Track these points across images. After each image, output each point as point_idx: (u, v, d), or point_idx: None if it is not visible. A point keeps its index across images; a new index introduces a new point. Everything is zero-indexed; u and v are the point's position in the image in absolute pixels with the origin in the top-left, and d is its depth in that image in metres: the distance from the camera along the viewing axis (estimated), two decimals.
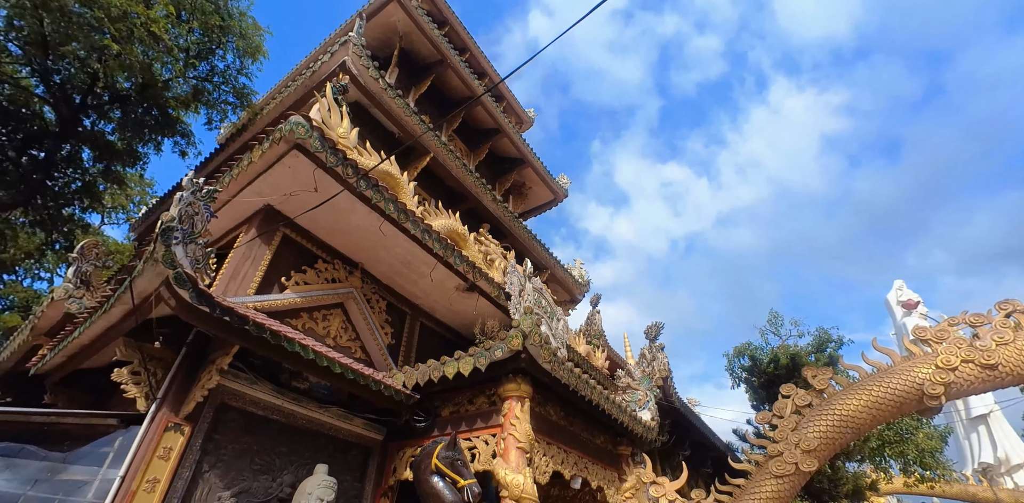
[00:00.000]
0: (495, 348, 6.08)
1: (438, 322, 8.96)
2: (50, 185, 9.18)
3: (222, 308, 4.93)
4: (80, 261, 7.23)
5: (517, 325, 6.04)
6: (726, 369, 13.92)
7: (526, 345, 5.99)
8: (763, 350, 13.34)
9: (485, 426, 6.26)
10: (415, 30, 12.03)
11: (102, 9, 7.75)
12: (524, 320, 6.09)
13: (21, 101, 9.09)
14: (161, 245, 4.68)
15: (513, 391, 6.17)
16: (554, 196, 15.36)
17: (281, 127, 6.04)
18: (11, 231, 10.55)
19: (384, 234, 7.02)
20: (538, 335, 6.10)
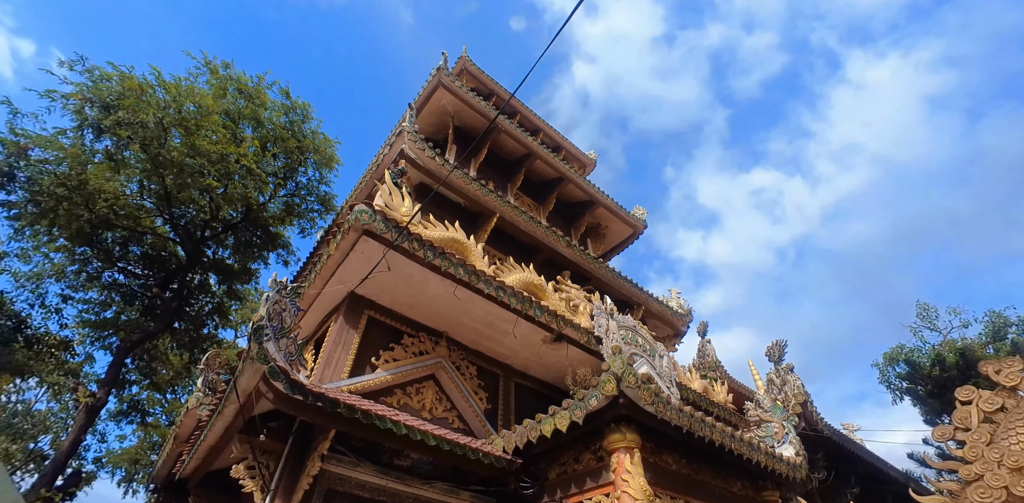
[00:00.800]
0: (589, 397, 5.74)
1: (532, 379, 8.75)
2: (187, 311, 10.69)
3: (314, 394, 5.23)
4: (207, 371, 8.17)
5: (607, 368, 5.69)
6: (880, 382, 11.82)
7: (621, 388, 5.58)
8: (921, 351, 11.21)
9: (596, 485, 5.79)
10: (464, 108, 12.95)
11: (203, 156, 9.28)
12: (614, 361, 5.72)
13: (160, 246, 11.01)
14: (254, 343, 5.15)
15: (619, 442, 5.70)
16: (633, 230, 14.94)
17: (348, 217, 6.61)
18: (163, 355, 12.30)
19: (460, 299, 7.18)
20: (633, 376, 5.66)
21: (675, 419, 5.86)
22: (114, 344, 10.91)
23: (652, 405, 5.70)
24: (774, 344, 9.70)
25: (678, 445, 6.29)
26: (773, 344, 9.71)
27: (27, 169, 8.68)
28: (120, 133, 8.45)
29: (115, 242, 11.14)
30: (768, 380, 8.87)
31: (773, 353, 9.65)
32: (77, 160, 9.00)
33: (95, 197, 9.30)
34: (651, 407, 5.69)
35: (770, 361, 9.72)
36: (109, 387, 9.17)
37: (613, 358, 5.81)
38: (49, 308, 11.13)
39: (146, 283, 10.98)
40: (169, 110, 8.80)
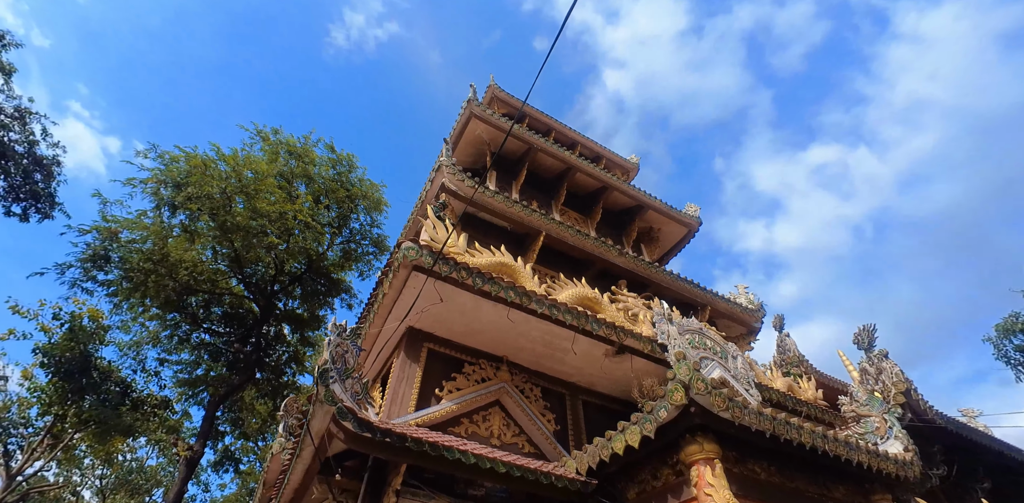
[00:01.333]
0: (658, 408, 5.52)
1: (600, 395, 8.53)
2: (267, 361, 11.43)
3: (382, 431, 5.38)
4: (286, 416, 8.62)
5: (673, 377, 5.47)
6: (997, 358, 10.45)
7: (691, 396, 5.33)
8: None
9: (679, 502, 5.50)
10: (499, 134, 13.27)
11: (264, 217, 10.03)
12: (679, 367, 5.49)
13: (236, 304, 11.94)
14: (321, 386, 5.40)
15: (696, 454, 5.42)
16: (687, 229, 14.44)
17: (397, 255, 6.89)
18: (249, 405, 13.12)
19: (514, 321, 7.21)
20: (702, 381, 5.39)
21: (755, 423, 5.49)
22: (206, 399, 11.84)
23: (727, 411, 5.38)
24: (861, 329, 8.92)
25: (764, 452, 5.87)
26: (860, 329, 8.93)
27: (119, 250, 9.81)
28: (191, 207, 9.38)
29: (198, 306, 12.20)
30: (861, 370, 8.13)
31: (862, 339, 8.86)
32: (159, 236, 10.04)
33: (177, 267, 10.29)
34: (726, 413, 5.37)
35: (860, 349, 8.94)
36: (204, 439, 9.91)
37: (678, 364, 5.57)
38: (149, 372, 12.35)
39: (228, 340, 11.91)
40: (231, 180, 9.69)
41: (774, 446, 5.71)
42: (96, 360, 11.12)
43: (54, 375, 10.66)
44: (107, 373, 11.29)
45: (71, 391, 10.74)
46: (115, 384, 11.43)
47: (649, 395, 6.85)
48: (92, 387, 10.92)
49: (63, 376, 10.62)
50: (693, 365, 5.59)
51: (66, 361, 10.57)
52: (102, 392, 11.12)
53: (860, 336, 8.94)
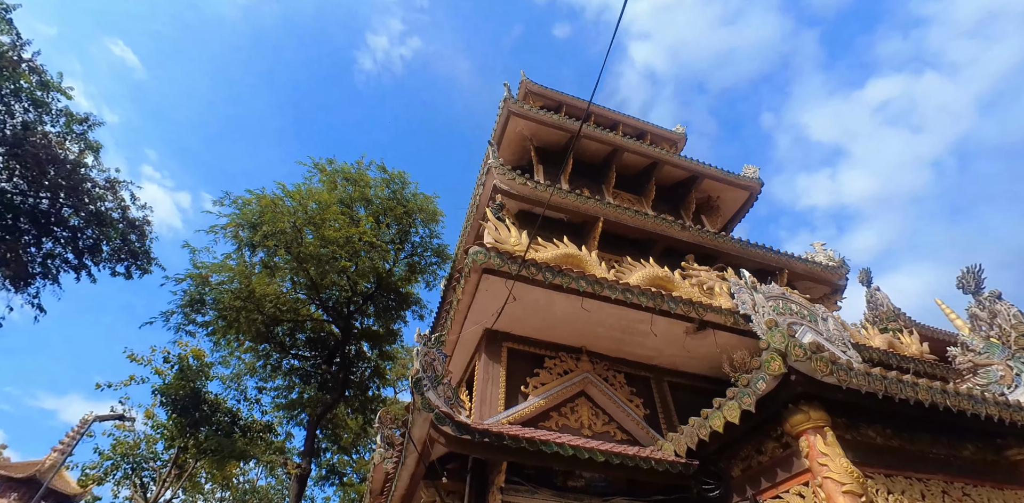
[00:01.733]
0: (755, 380, 5.34)
1: (685, 375, 8.34)
2: (352, 379, 12.02)
3: (479, 432, 5.55)
4: (382, 428, 9.02)
5: (766, 346, 5.28)
6: None
7: (789, 364, 5.13)
8: None
9: (789, 476, 5.29)
10: (539, 127, 13.28)
11: (333, 243, 10.54)
12: (772, 335, 5.30)
13: (318, 328, 12.69)
14: (417, 395, 5.64)
15: (803, 424, 5.20)
16: (748, 191, 13.80)
17: (466, 261, 7.07)
18: (342, 421, 13.83)
19: (589, 310, 7.20)
20: (799, 347, 5.16)
21: (864, 385, 5.19)
22: (304, 419, 12.66)
23: (832, 375, 5.11)
24: (965, 272, 8.21)
25: (877, 415, 5.55)
26: (964, 272, 8.22)
27: (211, 293, 10.69)
28: (268, 244, 10.06)
29: (284, 334, 13.05)
30: (971, 316, 7.48)
31: (967, 282, 8.16)
32: (243, 275, 10.84)
33: (263, 301, 11.05)
34: (831, 377, 5.10)
35: (966, 293, 8.23)
36: (309, 457, 10.60)
37: (771, 332, 5.37)
38: (250, 400, 13.38)
39: (316, 362, 12.69)
40: (298, 213, 10.32)
41: (888, 408, 5.37)
42: (205, 394, 12.22)
43: (172, 412, 11.83)
44: (215, 405, 12.38)
45: (188, 425, 11.88)
46: (224, 414, 12.54)
47: (742, 368, 6.63)
48: (205, 419, 12.03)
49: (180, 412, 11.76)
50: (786, 331, 5.36)
51: (180, 398, 11.70)
52: (214, 423, 12.24)
53: (965, 279, 8.23)
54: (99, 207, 11.38)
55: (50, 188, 10.91)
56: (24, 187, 10.73)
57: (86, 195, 11.31)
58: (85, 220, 11.28)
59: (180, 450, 12.91)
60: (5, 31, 9.94)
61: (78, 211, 11.26)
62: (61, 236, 11.33)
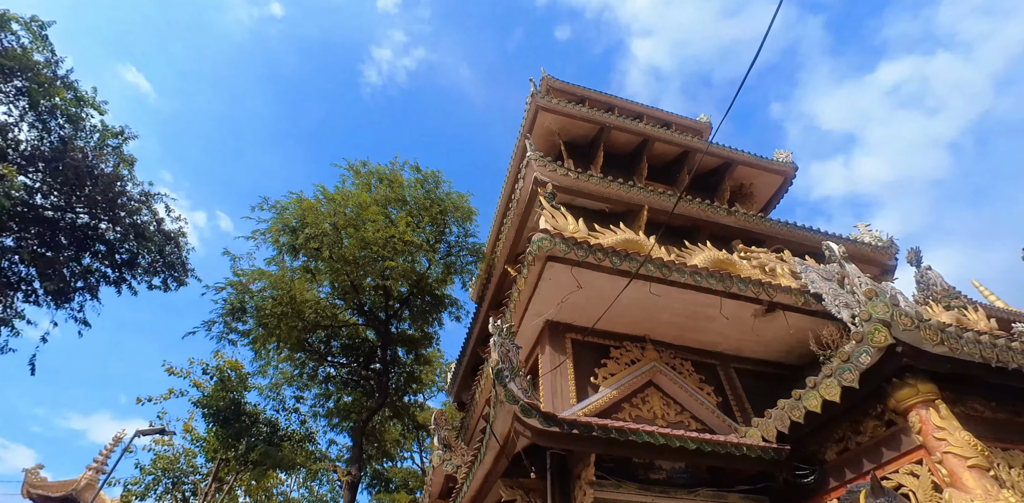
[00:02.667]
0: (856, 354, 5.11)
1: (750, 360, 8.09)
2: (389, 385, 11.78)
3: (568, 423, 5.34)
4: (438, 429, 8.80)
5: (868, 317, 5.05)
6: None
7: (895, 335, 4.90)
8: None
9: (898, 455, 5.05)
10: (567, 121, 13.15)
11: (372, 245, 10.36)
12: (873, 306, 5.08)
13: (353, 335, 12.51)
14: (499, 386, 5.43)
15: (911, 398, 4.97)
16: (782, 176, 13.58)
17: (529, 250, 6.88)
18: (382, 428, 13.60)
19: (658, 295, 7.00)
20: (906, 316, 4.94)
21: (976, 354, 4.95)
22: (349, 426, 12.46)
23: (942, 344, 4.89)
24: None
25: (983, 387, 5.29)
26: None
27: (252, 300, 10.56)
28: (312, 246, 9.92)
29: (320, 342, 12.87)
30: None
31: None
32: (283, 280, 10.70)
33: (303, 307, 10.91)
34: (941, 347, 4.88)
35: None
36: (358, 463, 10.39)
37: (871, 303, 5.15)
38: (288, 410, 13.21)
39: (352, 368, 12.56)
40: (338, 215, 10.20)
41: (997, 379, 5.12)
42: (244, 405, 12.09)
43: (214, 423, 11.69)
44: (254, 416, 12.24)
45: (230, 436, 11.74)
46: (264, 425, 12.39)
47: (832, 345, 6.40)
48: (245, 430, 11.89)
49: (222, 423, 11.63)
50: (890, 300, 5.14)
51: (222, 409, 11.56)
52: (253, 434, 12.09)
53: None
54: (136, 220, 11.32)
55: (88, 203, 10.86)
56: (61, 203, 10.70)
57: (122, 209, 11.26)
58: (123, 233, 11.21)
59: (222, 462, 12.76)
60: (41, 48, 9.94)
61: (115, 225, 11.19)
62: (99, 250, 11.27)
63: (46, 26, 10.15)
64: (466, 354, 12.87)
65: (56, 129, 10.32)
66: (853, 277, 5.70)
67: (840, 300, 7.40)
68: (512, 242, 11.08)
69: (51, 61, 10.33)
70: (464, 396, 13.43)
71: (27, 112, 10.19)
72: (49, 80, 10.07)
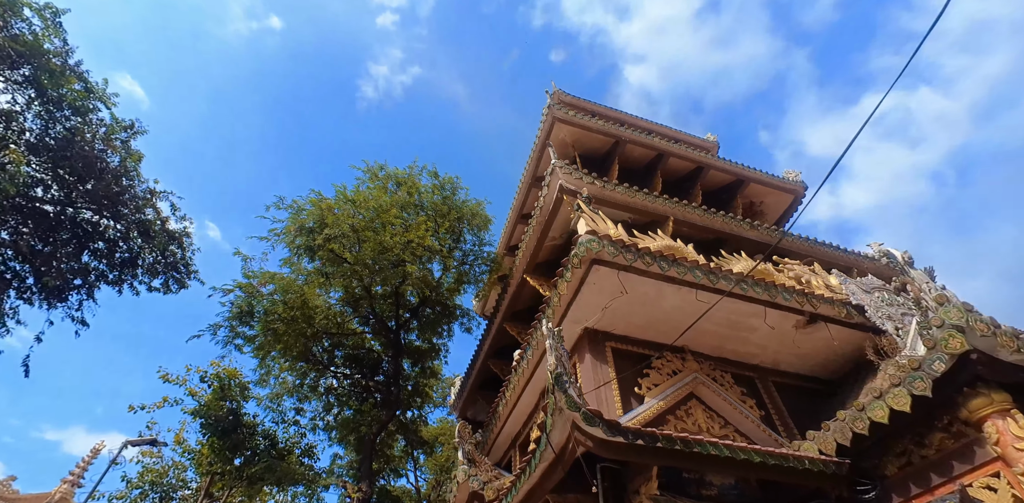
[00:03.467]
0: (929, 361, 4.99)
1: (787, 374, 7.98)
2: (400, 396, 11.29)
3: (633, 433, 5.07)
4: (462, 443, 8.38)
5: (940, 323, 4.95)
6: None
7: (971, 342, 4.81)
8: None
9: (971, 468, 4.91)
10: (583, 133, 13.18)
11: (390, 249, 10.02)
12: (947, 311, 4.99)
13: (359, 345, 12.08)
14: (559, 393, 5.14)
15: (985, 408, 4.86)
16: (792, 195, 13.78)
17: (575, 252, 6.67)
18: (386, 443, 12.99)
19: (705, 302, 6.84)
20: (982, 322, 4.87)
21: None
22: (355, 440, 11.86)
23: (1020, 352, 4.82)
24: None
25: None
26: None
27: (262, 303, 10.07)
28: (332, 246, 9.54)
29: (324, 351, 12.35)
30: None
31: None
32: (293, 284, 10.27)
33: (315, 313, 10.46)
34: (1018, 355, 4.81)
35: None
36: (368, 479, 9.83)
37: (944, 309, 5.07)
38: (288, 422, 12.56)
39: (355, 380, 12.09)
40: (357, 217, 9.87)
41: None
42: (242, 416, 11.41)
43: (212, 434, 10.97)
44: (252, 428, 11.56)
45: (227, 448, 11.01)
46: (262, 437, 11.71)
47: (891, 352, 6.31)
48: (242, 443, 11.19)
49: (220, 434, 10.91)
50: (963, 306, 5.08)
51: (220, 420, 10.85)
52: (251, 447, 11.39)
53: None
54: (140, 217, 10.80)
55: (90, 198, 10.34)
56: (62, 197, 10.15)
57: (126, 205, 10.75)
58: (125, 231, 10.67)
59: (214, 476, 11.91)
60: (53, 35, 9.54)
61: (118, 221, 10.66)
62: (99, 248, 10.69)
63: (60, 13, 9.77)
64: (475, 368, 12.48)
65: (63, 120, 9.84)
66: (920, 283, 5.64)
67: (882, 312, 7.40)
68: (532, 251, 10.89)
69: (62, 50, 9.92)
70: (469, 412, 12.97)
71: (34, 101, 9.72)
72: (59, 69, 9.64)
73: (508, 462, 9.05)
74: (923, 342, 5.12)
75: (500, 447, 9.18)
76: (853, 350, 7.47)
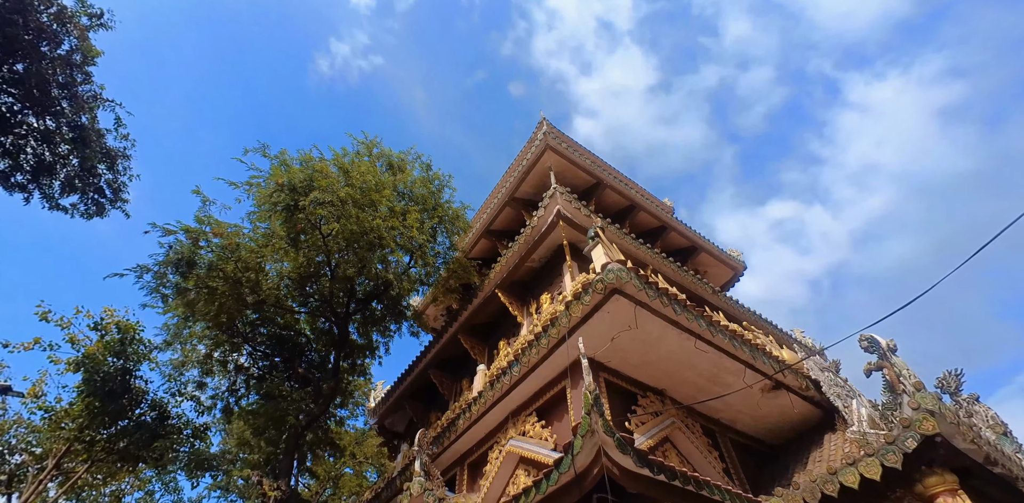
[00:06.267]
0: (902, 439, 5.68)
1: (740, 433, 8.58)
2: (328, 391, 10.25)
3: (658, 466, 5.09)
4: (420, 453, 7.74)
5: (917, 406, 5.68)
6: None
7: (940, 427, 5.56)
8: None
9: None
10: (568, 168, 13.47)
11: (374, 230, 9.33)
12: (923, 397, 5.74)
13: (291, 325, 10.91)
14: (596, 415, 5.03)
15: (938, 486, 5.62)
16: (733, 272, 15.23)
17: (600, 277, 6.67)
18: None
19: (704, 352, 7.18)
20: (950, 411, 5.67)
21: (997, 456, 5.80)
22: (274, 433, 10.37)
23: (971, 442, 5.66)
24: (947, 374, 9.75)
25: (993, 482, 6.16)
26: (946, 374, 9.76)
27: (211, 255, 8.66)
28: (320, 212, 8.57)
29: (247, 324, 10.91)
30: None
31: (948, 384, 9.68)
32: (252, 244, 9.05)
33: (264, 280, 9.28)
34: (971, 445, 5.65)
35: (944, 393, 9.74)
36: (288, 477, 8.62)
37: (919, 395, 5.83)
38: (185, 396, 10.70)
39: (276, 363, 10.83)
40: (349, 188, 9.04)
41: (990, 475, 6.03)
42: (133, 380, 9.44)
43: (90, 395, 8.83)
44: (142, 395, 9.60)
45: (107, 414, 8.93)
46: (151, 407, 9.73)
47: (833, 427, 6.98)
48: (125, 411, 9.21)
49: (104, 396, 8.81)
50: (935, 395, 5.88)
51: (107, 378, 8.83)
52: (135, 417, 9.41)
53: (946, 381, 9.77)
54: (74, 121, 9.01)
55: (16, 81, 8.48)
56: None
57: (59, 104, 8.95)
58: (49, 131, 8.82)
59: (75, 443, 9.43)
60: None
61: (43, 118, 8.81)
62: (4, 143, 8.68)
63: None
64: (411, 375, 11.74)
65: None
66: (901, 369, 6.44)
67: (833, 391, 8.30)
68: (511, 269, 10.77)
69: None
70: (388, 420, 12.06)
71: None
72: None
73: (452, 480, 8.48)
74: (899, 421, 5.85)
75: (442, 463, 8.60)
76: (800, 421, 8.23)
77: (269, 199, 8.67)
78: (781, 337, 11.78)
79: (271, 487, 8.05)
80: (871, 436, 6.27)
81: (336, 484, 17.26)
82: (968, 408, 9.29)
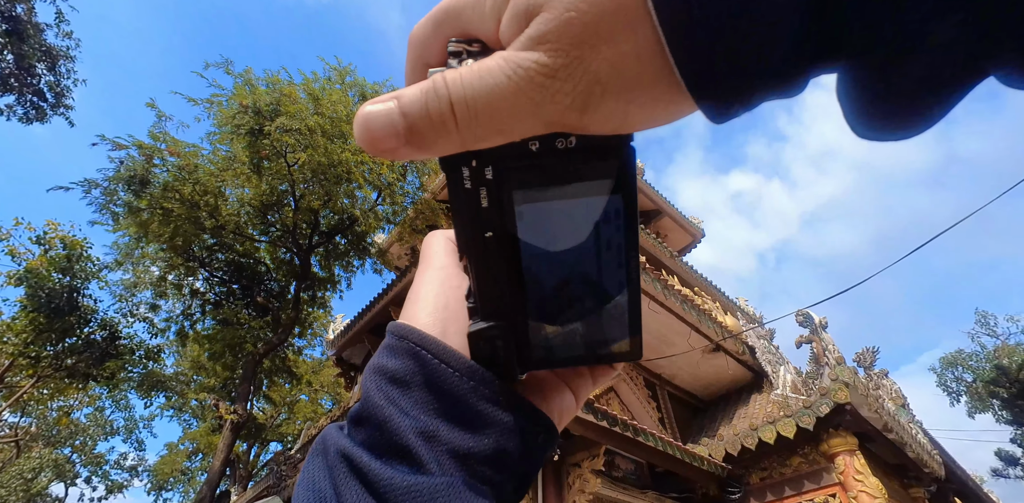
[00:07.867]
0: (818, 404, 6.33)
1: (678, 388, 9.27)
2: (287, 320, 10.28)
3: (601, 413, 5.50)
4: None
5: (836, 378, 6.30)
6: (937, 385, 13.28)
7: (852, 397, 6.21)
8: (980, 356, 12.72)
9: (817, 487, 6.42)
10: None
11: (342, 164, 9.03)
12: (842, 370, 6.34)
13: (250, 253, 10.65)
14: None
15: (840, 446, 6.36)
16: (692, 238, 15.67)
17: None
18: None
19: (656, 312, 7.54)
20: (862, 383, 6.30)
21: (894, 425, 6.57)
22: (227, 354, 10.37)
23: (874, 411, 6.37)
24: (865, 350, 10.69)
25: (886, 445, 6.98)
26: (864, 351, 10.70)
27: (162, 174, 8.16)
28: (286, 139, 8.13)
29: (204, 248, 10.58)
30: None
31: (865, 359, 10.64)
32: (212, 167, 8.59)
33: (222, 203, 8.91)
34: (873, 414, 6.36)
35: (860, 367, 10.73)
36: (244, 402, 8.77)
37: (839, 368, 6.43)
38: (137, 317, 10.46)
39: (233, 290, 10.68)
40: (318, 116, 8.57)
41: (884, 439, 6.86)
42: (81, 298, 9.07)
43: (35, 310, 8.45)
44: (91, 314, 9.30)
45: (53, 331, 8.63)
46: (101, 327, 9.46)
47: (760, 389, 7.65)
48: (73, 328, 8.93)
49: (50, 313, 8.46)
50: (852, 369, 6.51)
51: (51, 295, 8.44)
52: (84, 335, 9.16)
53: (863, 356, 10.73)
54: (8, 12, 8.04)
55: None
56: None
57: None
58: None
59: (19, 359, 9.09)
60: None
61: None
62: None
63: None
64: (372, 310, 11.81)
65: None
66: (828, 344, 7.02)
67: (765, 357, 8.98)
68: None
69: None
70: (346, 352, 12.26)
71: None
72: None
73: None
74: (818, 389, 6.49)
75: None
76: (732, 381, 8.93)
77: (232, 121, 8.13)
78: (727, 304, 12.47)
79: (228, 411, 8.22)
80: (792, 400, 6.93)
81: (291, 409, 17.74)
82: (877, 381, 10.28)
